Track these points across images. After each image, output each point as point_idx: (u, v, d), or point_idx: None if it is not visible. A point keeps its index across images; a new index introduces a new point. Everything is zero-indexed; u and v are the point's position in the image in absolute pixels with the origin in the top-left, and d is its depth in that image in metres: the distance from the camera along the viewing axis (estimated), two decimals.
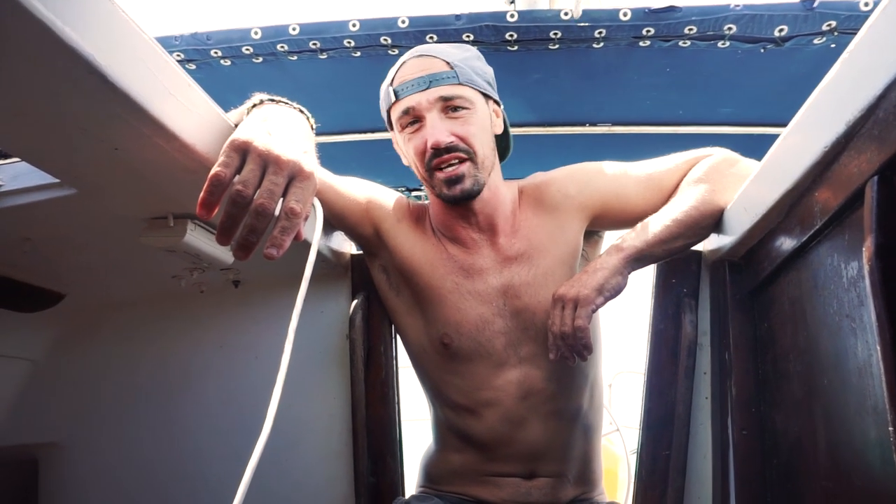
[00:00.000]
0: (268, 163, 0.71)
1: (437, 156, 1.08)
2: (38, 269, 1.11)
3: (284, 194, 0.73)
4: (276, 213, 0.72)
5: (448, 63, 1.11)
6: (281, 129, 0.77)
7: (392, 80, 1.13)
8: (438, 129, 1.07)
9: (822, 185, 0.77)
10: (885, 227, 0.61)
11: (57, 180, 0.82)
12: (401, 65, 1.14)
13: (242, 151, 0.71)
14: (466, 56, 1.15)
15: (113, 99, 0.62)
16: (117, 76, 0.60)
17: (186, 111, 0.72)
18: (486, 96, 1.16)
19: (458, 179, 1.09)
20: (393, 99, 1.12)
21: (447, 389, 1.21)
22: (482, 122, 1.13)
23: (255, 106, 0.83)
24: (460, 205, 1.13)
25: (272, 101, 0.85)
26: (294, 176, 0.73)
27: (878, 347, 0.60)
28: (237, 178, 0.71)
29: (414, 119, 1.10)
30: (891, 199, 0.62)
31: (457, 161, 1.09)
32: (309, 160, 0.75)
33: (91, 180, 0.82)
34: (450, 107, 1.09)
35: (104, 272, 1.18)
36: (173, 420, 1.41)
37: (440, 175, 1.09)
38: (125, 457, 1.42)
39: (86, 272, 1.16)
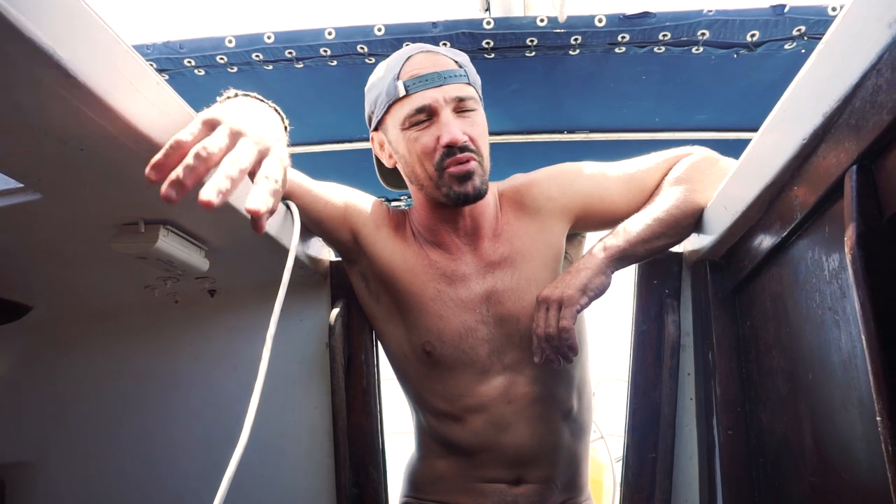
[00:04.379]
0: (238, 139, 0.68)
1: (451, 155, 1.04)
2: (2, 279, 1.07)
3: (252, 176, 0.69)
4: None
5: (456, 62, 1.09)
6: (254, 117, 0.75)
7: (398, 75, 1.07)
8: (455, 127, 1.03)
9: (801, 179, 0.77)
10: (865, 216, 0.61)
11: (20, 185, 0.78)
12: (406, 59, 1.08)
13: (212, 126, 0.68)
14: (465, 59, 1.14)
15: (76, 95, 0.60)
16: (81, 71, 0.58)
17: (155, 109, 0.70)
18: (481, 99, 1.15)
19: (469, 176, 1.05)
20: (402, 93, 1.06)
21: (430, 397, 1.19)
22: (483, 125, 1.11)
23: (228, 98, 0.82)
24: (465, 205, 1.09)
25: (246, 95, 0.83)
26: (265, 155, 0.70)
27: (863, 336, 0.60)
28: (203, 141, 0.66)
29: (425, 117, 1.06)
30: (870, 187, 0.62)
31: (466, 160, 1.05)
32: (281, 147, 0.73)
33: (56, 184, 0.78)
34: (461, 107, 1.06)
35: (73, 282, 1.15)
36: (149, 435, 1.36)
37: (452, 171, 1.05)
38: (98, 475, 1.37)
39: (54, 282, 1.13)
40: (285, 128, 0.86)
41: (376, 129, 1.15)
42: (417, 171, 1.09)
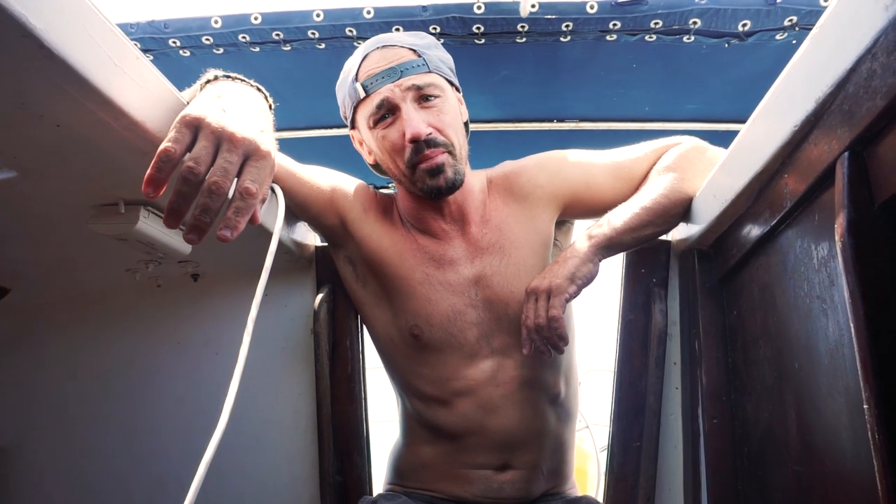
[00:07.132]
0: (221, 140, 0.68)
1: (419, 151, 1.04)
2: None
3: (239, 174, 0.69)
4: (231, 193, 0.69)
5: (414, 51, 1.08)
6: (236, 106, 0.73)
7: (357, 75, 1.08)
8: (417, 121, 1.02)
9: (792, 167, 0.77)
10: (857, 204, 0.61)
11: None
12: (363, 57, 1.09)
13: (194, 128, 0.68)
14: (428, 43, 1.12)
15: (52, 68, 0.58)
16: (56, 42, 0.56)
17: (135, 85, 0.68)
18: (451, 83, 1.13)
19: (440, 169, 1.05)
20: (362, 94, 1.07)
21: (417, 381, 1.18)
22: (454, 111, 1.10)
23: (209, 81, 0.80)
24: (440, 198, 1.08)
25: (228, 77, 0.81)
26: (249, 155, 0.70)
27: (852, 325, 0.60)
28: (188, 155, 0.67)
29: (387, 112, 1.06)
30: (862, 174, 0.61)
31: (434, 155, 1.05)
32: (266, 139, 0.72)
33: (32, 162, 0.76)
34: (423, 96, 1.05)
35: (52, 265, 1.12)
36: (130, 420, 1.35)
37: (423, 166, 1.04)
38: (76, 461, 1.35)
39: (32, 265, 1.10)
40: (270, 106, 0.84)
41: (353, 126, 1.16)
42: (392, 168, 1.10)
